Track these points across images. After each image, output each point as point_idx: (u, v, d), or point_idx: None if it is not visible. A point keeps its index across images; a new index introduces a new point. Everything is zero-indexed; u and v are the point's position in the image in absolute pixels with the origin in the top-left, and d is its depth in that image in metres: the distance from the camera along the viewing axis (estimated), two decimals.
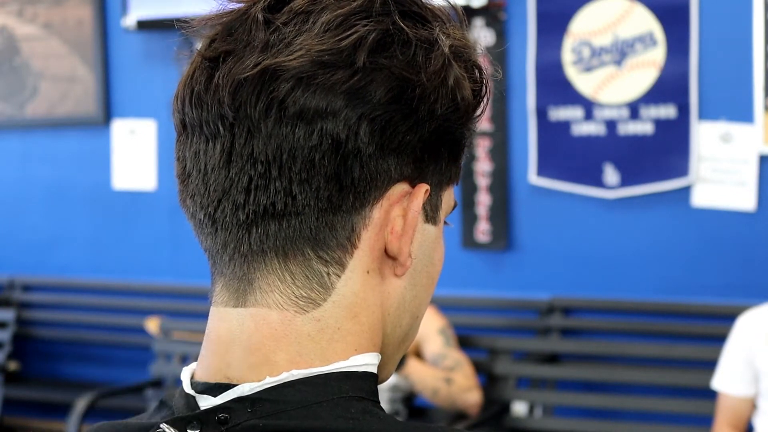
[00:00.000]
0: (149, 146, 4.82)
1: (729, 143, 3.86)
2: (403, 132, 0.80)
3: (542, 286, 4.19)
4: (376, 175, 0.80)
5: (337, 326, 0.81)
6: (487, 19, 4.17)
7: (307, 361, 0.80)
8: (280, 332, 0.80)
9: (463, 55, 0.84)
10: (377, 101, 0.78)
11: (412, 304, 0.87)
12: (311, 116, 0.78)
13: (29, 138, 5.12)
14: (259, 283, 0.81)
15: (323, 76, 0.78)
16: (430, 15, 0.84)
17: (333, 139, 0.78)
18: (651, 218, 4.00)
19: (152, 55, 4.75)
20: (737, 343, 3.17)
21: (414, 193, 0.82)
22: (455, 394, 3.66)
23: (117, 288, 4.97)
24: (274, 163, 0.78)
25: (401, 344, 0.89)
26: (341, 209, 0.80)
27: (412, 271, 0.85)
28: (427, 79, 0.80)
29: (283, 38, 0.80)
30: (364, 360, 0.82)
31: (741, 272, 3.88)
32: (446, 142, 0.84)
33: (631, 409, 3.93)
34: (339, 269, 0.81)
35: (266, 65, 0.78)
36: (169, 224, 4.79)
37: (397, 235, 0.82)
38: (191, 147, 0.83)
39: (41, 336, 5.13)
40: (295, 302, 0.80)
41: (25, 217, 5.17)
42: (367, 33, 0.79)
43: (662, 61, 3.93)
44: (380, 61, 0.79)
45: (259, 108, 0.78)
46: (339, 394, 0.79)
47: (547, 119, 4.10)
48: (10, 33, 5.08)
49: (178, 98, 0.84)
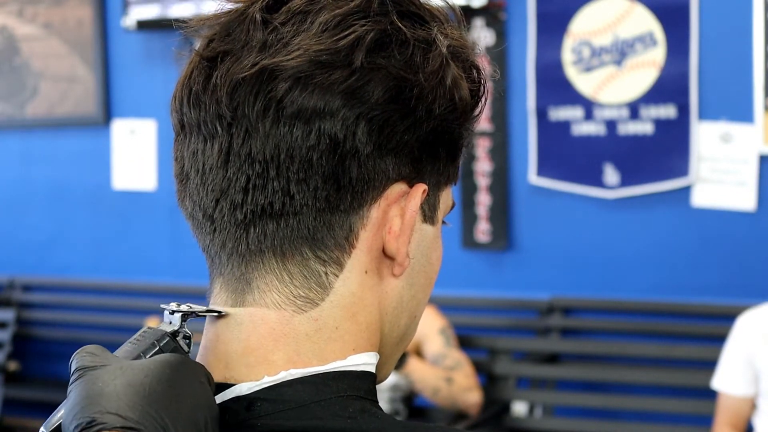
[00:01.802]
0: (149, 146, 4.82)
1: (729, 143, 3.86)
2: (400, 132, 0.80)
3: (542, 286, 4.19)
4: (374, 174, 0.80)
5: (335, 326, 0.81)
6: (487, 19, 4.16)
7: (305, 360, 0.80)
8: (278, 332, 0.80)
9: (461, 55, 0.84)
10: (375, 101, 0.79)
11: (410, 304, 0.87)
12: (309, 116, 0.78)
13: (29, 138, 5.12)
14: (257, 282, 0.81)
15: (321, 76, 0.78)
16: (429, 15, 0.84)
17: (331, 139, 0.78)
18: (651, 218, 4.00)
19: (152, 55, 4.75)
20: (737, 343, 3.17)
21: (412, 192, 0.82)
22: (456, 394, 3.66)
23: (117, 288, 4.97)
24: (271, 163, 0.78)
25: (399, 344, 0.89)
26: (339, 209, 0.80)
27: (410, 270, 0.85)
28: (425, 79, 0.80)
29: (280, 38, 0.80)
30: (362, 359, 0.82)
31: (741, 272, 3.88)
32: (444, 142, 0.84)
33: (631, 409, 3.93)
34: (337, 269, 0.81)
35: (264, 65, 0.78)
36: (169, 224, 4.79)
37: (394, 234, 0.82)
38: (189, 147, 0.83)
39: (41, 336, 5.12)
40: (293, 302, 0.81)
41: (25, 217, 5.17)
42: (364, 33, 0.79)
43: (662, 61, 3.93)
44: (378, 61, 0.79)
45: (256, 108, 0.78)
46: (337, 394, 0.79)
47: (547, 119, 4.10)
48: (10, 33, 5.09)
49: (176, 98, 0.84)
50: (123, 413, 0.71)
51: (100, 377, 0.74)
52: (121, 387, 0.72)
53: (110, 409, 0.71)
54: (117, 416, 0.71)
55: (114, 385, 0.72)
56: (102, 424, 0.70)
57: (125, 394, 0.72)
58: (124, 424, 0.70)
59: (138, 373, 0.74)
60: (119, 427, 0.70)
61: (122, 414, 0.71)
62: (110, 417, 0.70)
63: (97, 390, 0.72)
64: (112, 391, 0.72)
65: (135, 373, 0.74)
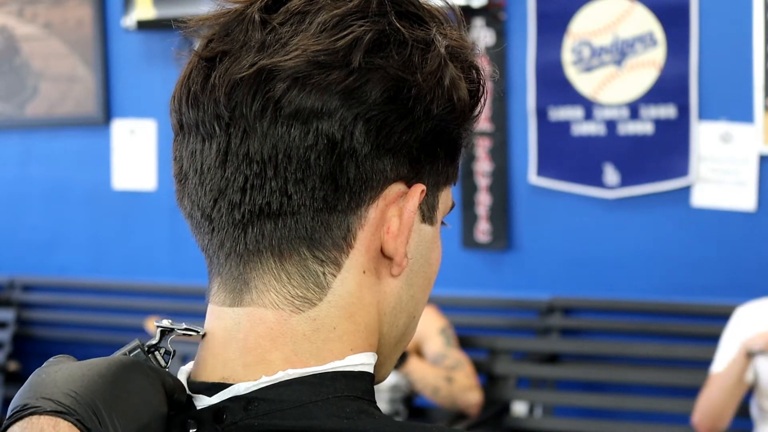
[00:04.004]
0: (149, 146, 4.82)
1: (729, 143, 3.86)
2: (398, 132, 0.80)
3: (542, 286, 4.19)
4: (372, 175, 0.80)
5: (332, 326, 0.81)
6: (487, 19, 4.16)
7: (302, 360, 0.80)
8: (275, 332, 0.80)
9: (459, 55, 0.84)
10: (373, 101, 0.79)
11: (408, 304, 0.87)
12: (307, 116, 0.78)
13: (29, 138, 5.12)
14: (255, 282, 0.81)
15: (319, 76, 0.78)
16: (428, 16, 0.85)
17: (328, 139, 0.78)
18: (651, 218, 4.00)
19: (152, 55, 4.75)
20: (737, 331, 3.18)
21: (410, 193, 0.82)
22: (456, 393, 3.66)
23: (117, 288, 4.97)
24: (269, 163, 0.79)
25: (398, 344, 0.89)
26: (337, 209, 0.80)
27: (408, 271, 0.85)
28: (423, 79, 0.80)
29: (279, 38, 0.80)
30: (360, 360, 0.82)
31: (741, 272, 3.88)
32: (443, 142, 0.84)
33: (631, 409, 3.93)
34: (335, 269, 0.81)
35: (262, 65, 0.79)
36: (169, 224, 4.79)
37: (393, 235, 0.82)
38: (188, 147, 0.83)
39: (41, 336, 5.12)
40: (291, 302, 0.81)
41: (25, 217, 5.17)
42: (363, 33, 0.79)
43: (662, 61, 3.93)
44: (376, 61, 0.79)
45: (254, 108, 0.79)
46: (334, 394, 0.79)
47: (547, 119, 4.10)
48: (10, 33, 5.08)
49: (175, 98, 0.84)
50: (56, 398, 0.73)
51: (45, 370, 0.77)
52: (60, 376, 0.75)
53: (45, 394, 0.73)
54: (50, 401, 0.73)
55: (54, 376, 0.75)
56: (35, 407, 0.73)
57: (63, 381, 0.75)
58: (56, 408, 0.72)
59: (81, 367, 0.76)
60: (50, 411, 0.72)
61: (55, 399, 0.73)
62: (43, 401, 0.73)
63: (38, 380, 0.76)
64: (50, 380, 0.75)
65: (79, 366, 0.77)
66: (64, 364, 0.78)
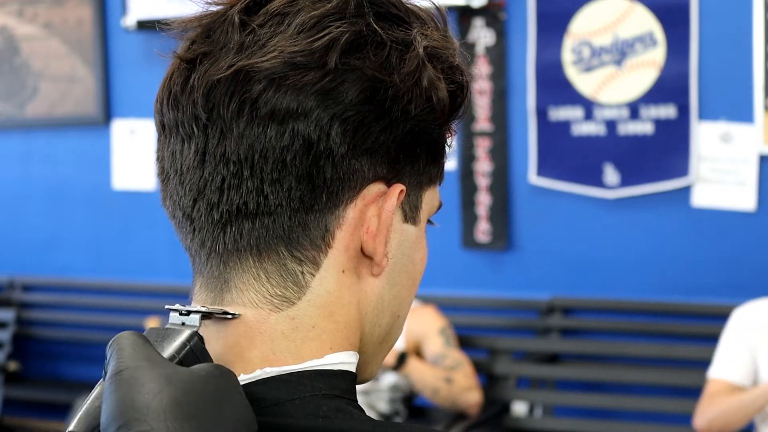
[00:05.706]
0: (149, 146, 4.82)
1: (729, 143, 3.85)
2: (376, 132, 0.80)
3: (542, 286, 4.19)
4: (349, 175, 0.80)
5: (311, 324, 0.81)
6: (487, 19, 4.16)
7: (280, 359, 0.80)
8: (254, 330, 0.81)
9: (441, 56, 0.84)
10: (349, 102, 0.79)
11: (391, 304, 0.87)
12: (282, 116, 0.78)
13: (29, 138, 5.12)
14: (235, 281, 0.82)
15: (295, 77, 0.78)
16: (412, 16, 0.84)
17: (304, 140, 0.79)
18: (651, 218, 4.00)
19: (152, 55, 4.75)
20: (738, 333, 3.17)
21: (388, 193, 0.82)
22: (456, 394, 3.66)
23: (117, 288, 4.97)
24: (245, 163, 0.79)
25: (382, 344, 0.89)
26: (314, 209, 0.80)
27: (390, 270, 0.85)
28: (400, 80, 0.80)
29: (257, 40, 0.80)
30: (340, 358, 0.82)
31: (741, 272, 3.88)
32: (423, 142, 0.84)
33: (631, 409, 3.93)
34: (313, 268, 0.81)
35: (240, 66, 0.79)
36: (169, 224, 4.70)
37: (372, 234, 0.82)
38: (169, 147, 0.84)
39: (41, 336, 5.13)
40: (270, 301, 0.81)
41: (25, 217, 5.17)
42: (339, 34, 0.79)
43: (662, 61, 3.92)
44: (352, 62, 0.79)
45: (231, 108, 0.79)
46: (311, 392, 0.79)
47: (547, 119, 4.10)
48: (10, 33, 5.09)
49: (158, 99, 0.86)
50: None
51: (145, 385, 0.72)
52: (167, 404, 0.71)
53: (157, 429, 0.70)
54: None
55: (160, 400, 0.71)
56: None
57: (171, 412, 0.71)
58: None
59: (184, 388, 0.73)
60: None
61: None
62: None
63: (143, 402, 0.71)
64: (158, 407, 0.71)
65: (181, 387, 0.73)
66: (156, 374, 0.73)
